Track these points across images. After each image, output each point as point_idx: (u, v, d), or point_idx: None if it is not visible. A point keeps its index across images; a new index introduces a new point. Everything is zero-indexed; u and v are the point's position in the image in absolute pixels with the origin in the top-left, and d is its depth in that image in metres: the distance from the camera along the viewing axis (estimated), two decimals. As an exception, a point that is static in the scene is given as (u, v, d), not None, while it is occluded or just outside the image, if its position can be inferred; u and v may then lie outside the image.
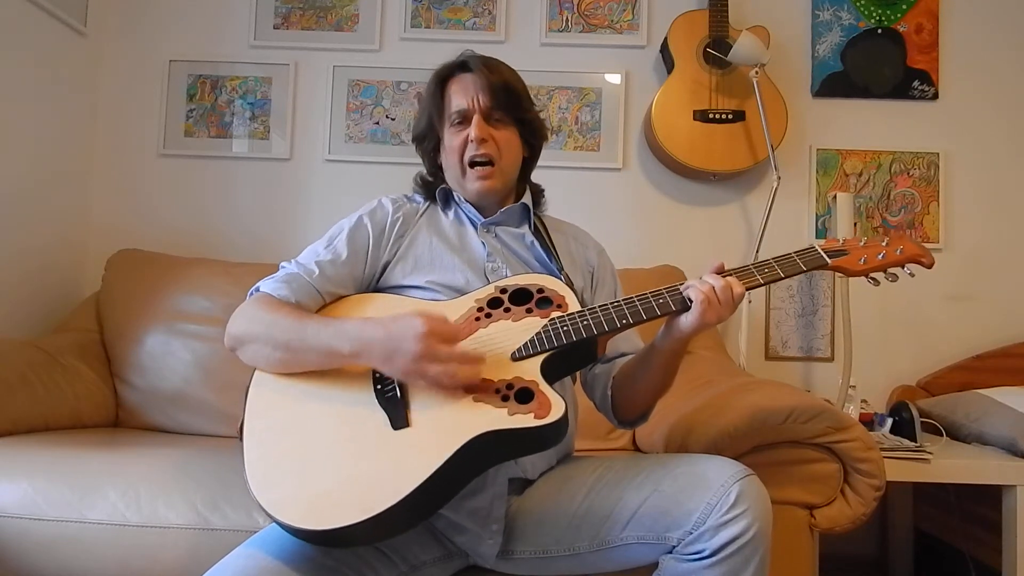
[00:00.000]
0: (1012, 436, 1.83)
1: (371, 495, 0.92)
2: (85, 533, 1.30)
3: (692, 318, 1.09)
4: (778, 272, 1.14)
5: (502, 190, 1.31)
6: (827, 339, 2.42)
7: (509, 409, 0.99)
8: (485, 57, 1.31)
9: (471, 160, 1.26)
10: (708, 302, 1.08)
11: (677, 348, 1.16)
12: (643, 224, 2.46)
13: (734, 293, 1.10)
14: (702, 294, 1.08)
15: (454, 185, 1.32)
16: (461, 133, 1.27)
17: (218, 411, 1.92)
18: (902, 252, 1.16)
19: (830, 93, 2.48)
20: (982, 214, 2.44)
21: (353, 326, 1.07)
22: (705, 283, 1.10)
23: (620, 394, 1.28)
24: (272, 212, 2.48)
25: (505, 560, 1.15)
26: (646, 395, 1.25)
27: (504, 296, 1.15)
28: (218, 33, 2.52)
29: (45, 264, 2.27)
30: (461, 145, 1.27)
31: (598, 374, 1.31)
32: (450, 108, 1.28)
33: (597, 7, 2.52)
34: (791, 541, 1.33)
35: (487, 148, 1.26)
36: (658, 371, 1.20)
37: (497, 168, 1.27)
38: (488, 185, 1.27)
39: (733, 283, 1.10)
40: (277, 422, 1.05)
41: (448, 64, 1.31)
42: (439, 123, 1.30)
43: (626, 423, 1.31)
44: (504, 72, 1.30)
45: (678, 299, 1.11)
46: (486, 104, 1.26)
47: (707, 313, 1.08)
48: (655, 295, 1.12)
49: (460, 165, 1.28)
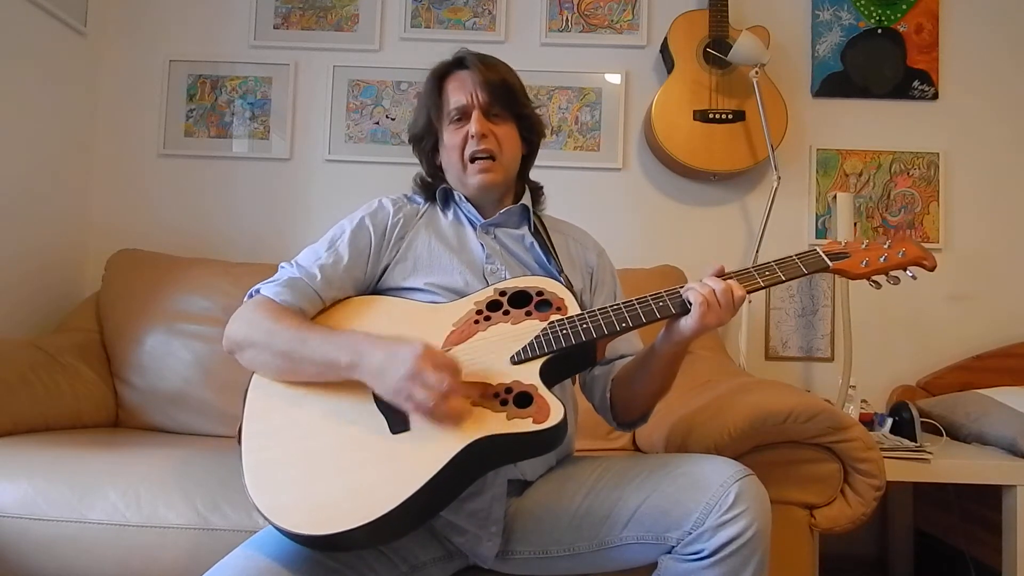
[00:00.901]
0: (1012, 436, 1.83)
1: (369, 500, 0.92)
2: (85, 533, 1.31)
3: (692, 321, 1.09)
4: (779, 275, 1.14)
5: (503, 184, 1.31)
6: (827, 339, 2.42)
7: (508, 414, 0.99)
8: (481, 54, 1.31)
9: (472, 155, 1.26)
10: (708, 305, 1.07)
11: (677, 351, 1.16)
12: (643, 224, 2.46)
13: (735, 296, 1.09)
14: (701, 296, 1.08)
15: (455, 183, 1.32)
16: (461, 130, 1.26)
17: (218, 411, 1.92)
18: (904, 255, 1.15)
19: (830, 93, 2.47)
20: (982, 214, 2.44)
21: (353, 340, 1.06)
22: (705, 286, 1.09)
23: (619, 396, 1.27)
24: (272, 212, 2.48)
25: (505, 560, 1.15)
26: (645, 397, 1.25)
27: (503, 299, 1.14)
28: (218, 33, 2.52)
29: (45, 264, 2.27)
30: (461, 142, 1.26)
31: (597, 376, 1.31)
32: (448, 105, 1.28)
33: (597, 7, 2.52)
34: (791, 541, 1.33)
35: (488, 143, 1.25)
36: (658, 374, 1.20)
37: (498, 162, 1.27)
38: (490, 178, 1.27)
39: (734, 286, 1.10)
40: (275, 426, 1.05)
41: (444, 62, 1.31)
42: (438, 121, 1.29)
43: (625, 425, 1.30)
44: (501, 69, 1.30)
45: (678, 302, 1.10)
46: (485, 100, 1.26)
47: (707, 316, 1.08)
48: (655, 298, 1.11)
49: (461, 161, 1.27)
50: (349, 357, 1.03)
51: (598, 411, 1.33)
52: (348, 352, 1.04)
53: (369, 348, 1.03)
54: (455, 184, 1.32)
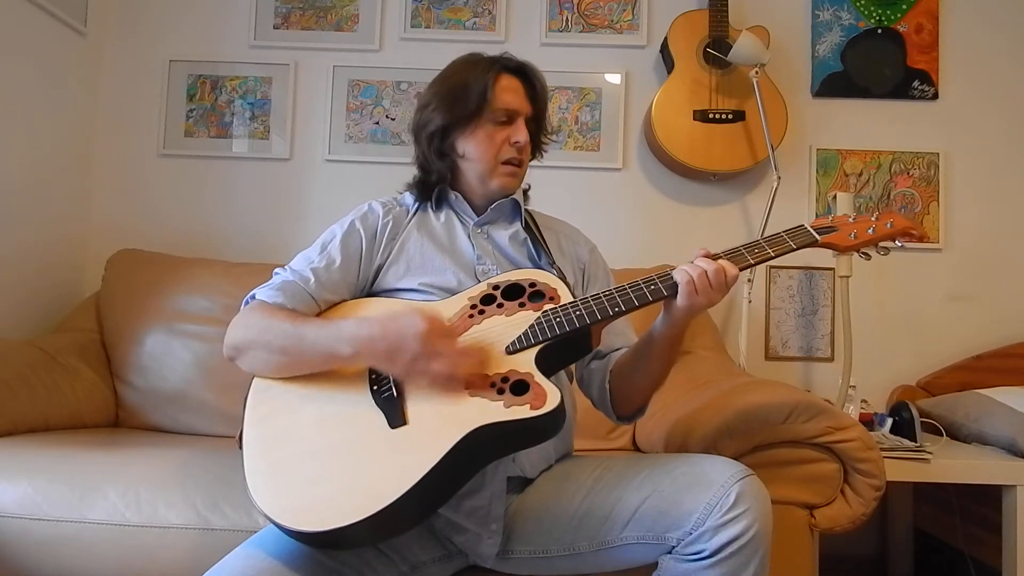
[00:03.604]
0: (1012, 436, 1.83)
1: (370, 494, 0.93)
2: (85, 533, 1.31)
3: (681, 302, 1.09)
4: (768, 251, 1.14)
5: (517, 189, 1.35)
6: (827, 339, 2.42)
7: (505, 402, 1.00)
8: (534, 66, 1.34)
9: (508, 159, 1.29)
10: (696, 284, 1.08)
11: (674, 334, 1.17)
12: (643, 224, 2.46)
13: (727, 275, 1.09)
14: (688, 276, 1.08)
15: (472, 176, 1.31)
16: (503, 131, 1.28)
17: (218, 411, 1.92)
18: (892, 226, 1.16)
19: (830, 93, 2.48)
20: (982, 214, 2.44)
21: (351, 327, 1.07)
22: (696, 267, 1.10)
23: (618, 387, 1.28)
24: (272, 212, 2.48)
25: (505, 560, 1.15)
26: (644, 387, 1.25)
27: (497, 292, 1.16)
28: (218, 33, 2.52)
29: (45, 264, 2.27)
30: (501, 143, 1.28)
31: (594, 370, 1.31)
32: (498, 103, 1.28)
33: (597, 7, 2.52)
34: (791, 541, 1.33)
35: (524, 154, 1.31)
36: (655, 360, 1.21)
37: (522, 169, 1.33)
38: (514, 183, 1.32)
39: (726, 266, 1.10)
40: (276, 429, 1.05)
41: (500, 59, 1.31)
42: (478, 114, 1.28)
43: (624, 418, 1.31)
44: (545, 89, 1.35)
45: (669, 284, 1.11)
46: (531, 114, 1.31)
47: (693, 296, 1.08)
48: (646, 282, 1.12)
49: (494, 160, 1.29)
50: (351, 348, 1.04)
51: (597, 405, 1.33)
52: (348, 343, 1.05)
53: (370, 333, 1.04)
54: (471, 176, 1.32)
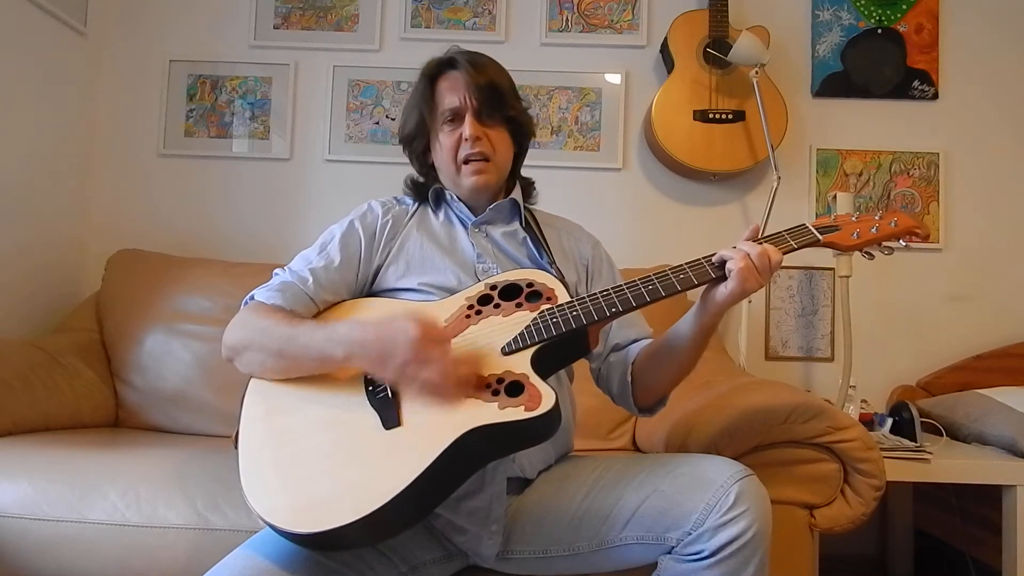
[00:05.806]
0: (1012, 436, 1.83)
1: (364, 495, 0.92)
2: (85, 533, 1.31)
3: (732, 286, 1.07)
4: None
5: (496, 185, 1.31)
6: (827, 339, 2.42)
7: (499, 403, 0.99)
8: (471, 53, 1.30)
9: (466, 157, 1.26)
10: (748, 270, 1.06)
11: (712, 323, 1.14)
12: (643, 224, 2.46)
13: (771, 260, 1.08)
14: (741, 260, 1.06)
15: (448, 183, 1.32)
16: (455, 132, 1.26)
17: (218, 411, 1.91)
18: (896, 224, 1.14)
19: (830, 93, 2.47)
20: (982, 214, 2.44)
21: (344, 329, 1.06)
22: (740, 251, 1.08)
23: (642, 379, 1.26)
24: (272, 212, 2.48)
25: (505, 560, 1.15)
26: (670, 377, 1.23)
27: (494, 293, 1.15)
28: (218, 33, 2.52)
29: (45, 264, 2.27)
30: (455, 143, 1.26)
31: (613, 363, 1.29)
32: (442, 106, 1.28)
33: (597, 7, 2.52)
34: (791, 541, 1.33)
35: (481, 146, 1.26)
36: (688, 350, 1.18)
37: (492, 163, 1.27)
38: (484, 179, 1.27)
39: (771, 250, 1.08)
40: (271, 430, 1.05)
41: (435, 62, 1.31)
42: (431, 121, 1.29)
43: (646, 410, 1.29)
44: (490, 70, 1.29)
45: (667, 283, 1.09)
46: (476, 103, 1.26)
47: (748, 281, 1.06)
48: (644, 281, 1.10)
49: (455, 163, 1.27)
50: (344, 351, 1.04)
51: (617, 399, 1.31)
52: (342, 346, 1.04)
53: (362, 337, 1.03)
54: (448, 184, 1.32)
